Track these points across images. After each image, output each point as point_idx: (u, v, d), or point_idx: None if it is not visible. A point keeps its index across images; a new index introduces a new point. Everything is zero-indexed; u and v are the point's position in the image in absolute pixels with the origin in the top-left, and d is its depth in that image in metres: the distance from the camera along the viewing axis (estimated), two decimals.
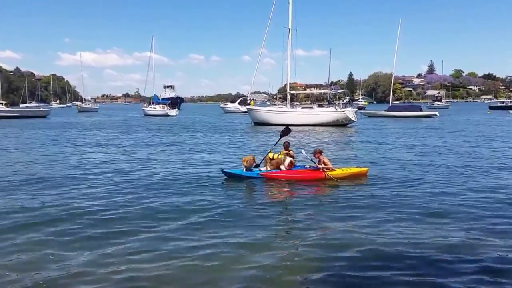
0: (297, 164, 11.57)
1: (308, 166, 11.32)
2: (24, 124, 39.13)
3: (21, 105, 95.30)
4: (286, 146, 11.63)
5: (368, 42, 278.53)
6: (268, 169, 11.20)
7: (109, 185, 10.42)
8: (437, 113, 50.24)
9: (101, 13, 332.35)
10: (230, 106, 74.80)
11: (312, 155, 11.22)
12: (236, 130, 31.30)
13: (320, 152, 11.14)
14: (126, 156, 16.32)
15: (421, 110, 50.35)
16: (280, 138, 12.43)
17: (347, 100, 47.19)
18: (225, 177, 11.06)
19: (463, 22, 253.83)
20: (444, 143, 20.62)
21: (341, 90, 55.38)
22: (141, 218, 7.59)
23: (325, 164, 10.89)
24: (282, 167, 11.11)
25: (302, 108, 37.94)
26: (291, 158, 11.28)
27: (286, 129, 12.81)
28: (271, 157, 11.42)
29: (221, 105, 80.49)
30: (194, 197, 9.15)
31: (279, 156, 11.37)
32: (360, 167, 11.79)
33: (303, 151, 11.45)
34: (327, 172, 10.73)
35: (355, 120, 34.80)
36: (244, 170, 11.09)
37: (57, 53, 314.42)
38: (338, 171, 11.08)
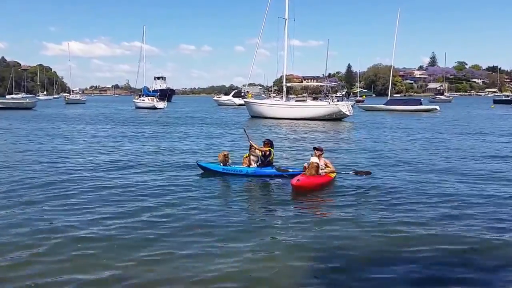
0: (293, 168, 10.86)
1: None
2: (9, 116, 36.95)
3: (7, 96, 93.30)
4: (267, 143, 10.95)
5: (368, 33, 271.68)
6: (253, 165, 10.86)
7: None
8: (437, 107, 48.55)
9: (87, 0, 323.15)
10: (224, 98, 72.94)
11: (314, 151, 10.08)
12: (232, 126, 28.13)
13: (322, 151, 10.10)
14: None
15: (421, 104, 48.75)
16: (248, 137, 11.68)
17: (344, 93, 45.19)
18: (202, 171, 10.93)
19: (466, 12, 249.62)
20: (439, 141, 18.85)
21: (338, 83, 53.37)
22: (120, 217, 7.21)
23: (326, 166, 9.97)
24: (321, 172, 9.65)
25: (296, 101, 36.73)
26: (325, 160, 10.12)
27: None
28: (246, 156, 11.15)
29: (215, 98, 78.61)
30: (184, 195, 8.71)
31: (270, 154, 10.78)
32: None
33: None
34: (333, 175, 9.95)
35: (350, 114, 33.05)
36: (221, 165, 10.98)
37: (42, 43, 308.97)
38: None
